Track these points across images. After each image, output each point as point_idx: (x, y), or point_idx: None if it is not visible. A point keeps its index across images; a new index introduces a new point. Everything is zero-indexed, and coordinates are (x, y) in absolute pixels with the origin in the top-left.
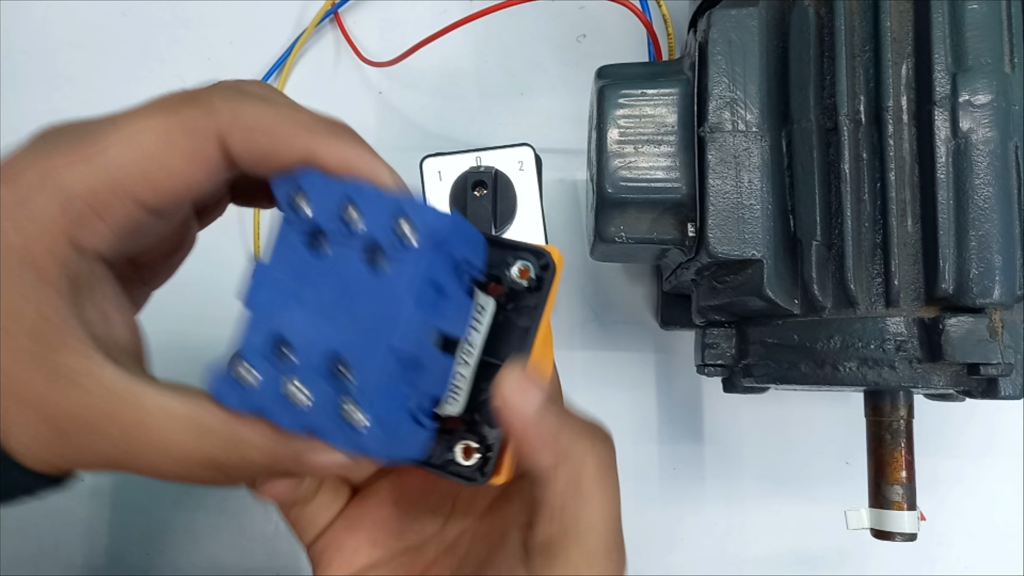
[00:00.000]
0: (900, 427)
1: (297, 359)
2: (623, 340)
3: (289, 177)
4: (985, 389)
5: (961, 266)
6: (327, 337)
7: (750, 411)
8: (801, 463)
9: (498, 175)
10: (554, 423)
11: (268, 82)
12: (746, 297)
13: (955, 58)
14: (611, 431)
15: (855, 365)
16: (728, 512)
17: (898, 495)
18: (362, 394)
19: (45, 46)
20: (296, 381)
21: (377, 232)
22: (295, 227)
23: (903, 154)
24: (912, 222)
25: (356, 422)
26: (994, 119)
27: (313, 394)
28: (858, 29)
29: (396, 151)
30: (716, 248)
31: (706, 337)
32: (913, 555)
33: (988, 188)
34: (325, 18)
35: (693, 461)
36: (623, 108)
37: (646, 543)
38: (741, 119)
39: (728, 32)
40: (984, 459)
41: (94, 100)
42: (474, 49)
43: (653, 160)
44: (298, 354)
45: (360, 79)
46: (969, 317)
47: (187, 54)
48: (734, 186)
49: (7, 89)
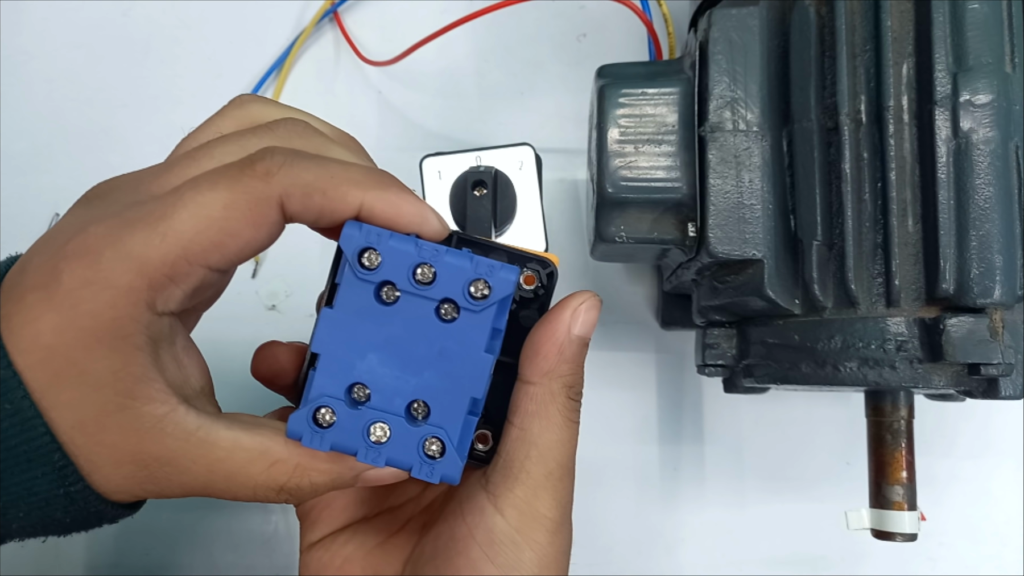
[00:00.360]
0: (901, 427)
1: (375, 402)
2: (623, 340)
3: (357, 233)
4: (986, 389)
5: (962, 266)
6: (408, 385)
7: (751, 411)
8: (802, 463)
9: (498, 175)
10: (568, 354)
11: (307, 116)
12: (747, 297)
13: (956, 58)
14: (612, 431)
15: (856, 365)
16: (729, 512)
17: (899, 495)
18: (443, 431)
19: (45, 46)
20: (379, 422)
21: (451, 291)
22: (361, 277)
23: (904, 154)
24: (913, 222)
25: (436, 455)
26: (995, 119)
27: (392, 432)
28: (859, 28)
29: (396, 151)
30: (717, 248)
31: (707, 337)
32: (913, 555)
33: (989, 188)
34: (324, 17)
35: (694, 461)
36: (623, 108)
37: (647, 543)
38: (742, 118)
39: (729, 31)
40: (984, 459)
41: (94, 100)
42: (474, 49)
43: (654, 160)
44: (377, 397)
45: (360, 79)
46: (970, 317)
47: (187, 54)
48: (735, 186)
49: (7, 89)
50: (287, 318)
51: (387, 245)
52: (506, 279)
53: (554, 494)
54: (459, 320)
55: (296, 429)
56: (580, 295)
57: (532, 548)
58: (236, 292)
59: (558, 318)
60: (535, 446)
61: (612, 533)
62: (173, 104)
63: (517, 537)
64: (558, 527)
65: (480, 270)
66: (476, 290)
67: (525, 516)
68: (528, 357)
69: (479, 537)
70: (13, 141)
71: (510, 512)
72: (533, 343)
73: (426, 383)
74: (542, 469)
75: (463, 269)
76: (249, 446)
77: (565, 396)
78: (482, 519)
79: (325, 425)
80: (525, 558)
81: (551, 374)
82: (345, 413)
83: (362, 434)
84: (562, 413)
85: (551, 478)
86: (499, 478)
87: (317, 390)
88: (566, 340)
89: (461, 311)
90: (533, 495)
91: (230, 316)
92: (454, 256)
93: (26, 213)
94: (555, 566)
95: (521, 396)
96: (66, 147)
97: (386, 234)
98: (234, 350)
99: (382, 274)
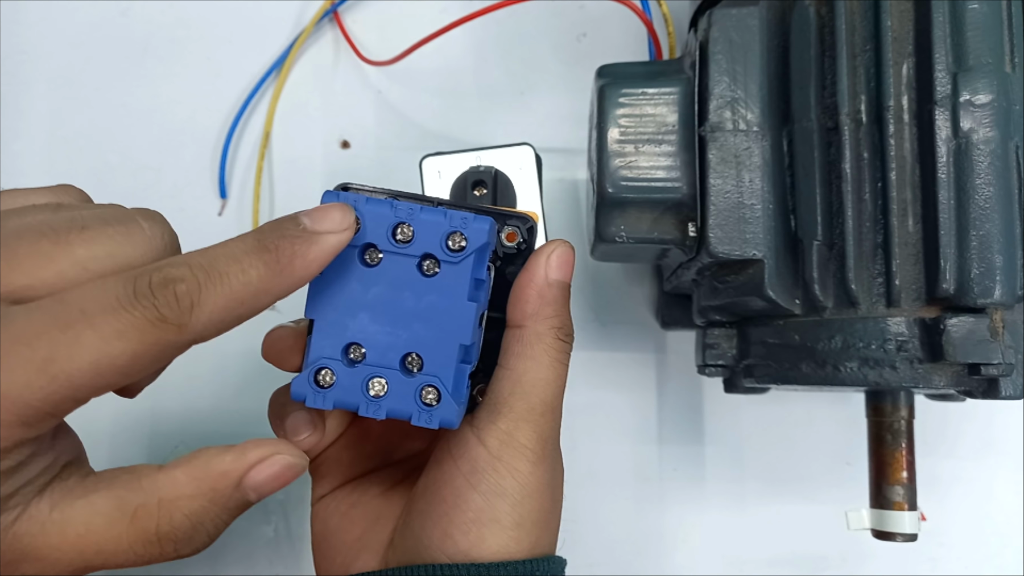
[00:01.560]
0: (901, 427)
1: (371, 358)
2: (623, 340)
3: (335, 200)
4: (986, 389)
5: (962, 266)
6: (400, 339)
7: (751, 412)
8: (802, 463)
9: (498, 175)
10: (548, 297)
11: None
12: (747, 297)
13: (956, 58)
14: (612, 431)
15: (856, 365)
16: (729, 513)
17: (899, 495)
18: (438, 380)
19: (45, 46)
20: (376, 377)
21: (430, 246)
22: None
23: (904, 154)
24: (913, 222)
25: (433, 403)
26: (995, 119)
27: (390, 385)
28: (859, 28)
29: (396, 151)
30: (717, 248)
31: (707, 337)
32: (913, 555)
33: (989, 188)
34: (324, 17)
35: (694, 462)
36: (624, 107)
37: (647, 544)
38: (742, 118)
39: (729, 31)
40: (984, 459)
41: (94, 100)
42: (474, 48)
43: (654, 159)
44: (372, 354)
45: (359, 78)
46: (970, 317)
47: (187, 54)
48: (735, 186)
49: (7, 89)
50: (287, 319)
51: (364, 209)
52: (479, 228)
53: (535, 427)
54: (440, 274)
55: (299, 391)
56: (551, 243)
57: (513, 476)
58: None
59: (534, 264)
60: (519, 383)
61: (612, 533)
62: (172, 104)
63: (498, 464)
64: (539, 458)
65: (454, 223)
66: (453, 243)
67: (505, 445)
68: (512, 304)
69: (463, 467)
70: (12, 141)
71: (492, 442)
72: (515, 291)
73: (417, 336)
74: (524, 404)
75: (438, 223)
76: (103, 507)
77: (553, 337)
78: (466, 450)
79: (326, 385)
80: (507, 484)
81: (535, 316)
82: (344, 372)
83: (361, 390)
84: (548, 353)
85: (533, 412)
86: (484, 414)
87: (315, 352)
88: (544, 284)
89: (442, 264)
90: (514, 427)
91: None
92: (429, 213)
93: None
94: (538, 496)
95: (509, 339)
96: (65, 147)
97: (362, 199)
98: (234, 351)
99: (363, 237)
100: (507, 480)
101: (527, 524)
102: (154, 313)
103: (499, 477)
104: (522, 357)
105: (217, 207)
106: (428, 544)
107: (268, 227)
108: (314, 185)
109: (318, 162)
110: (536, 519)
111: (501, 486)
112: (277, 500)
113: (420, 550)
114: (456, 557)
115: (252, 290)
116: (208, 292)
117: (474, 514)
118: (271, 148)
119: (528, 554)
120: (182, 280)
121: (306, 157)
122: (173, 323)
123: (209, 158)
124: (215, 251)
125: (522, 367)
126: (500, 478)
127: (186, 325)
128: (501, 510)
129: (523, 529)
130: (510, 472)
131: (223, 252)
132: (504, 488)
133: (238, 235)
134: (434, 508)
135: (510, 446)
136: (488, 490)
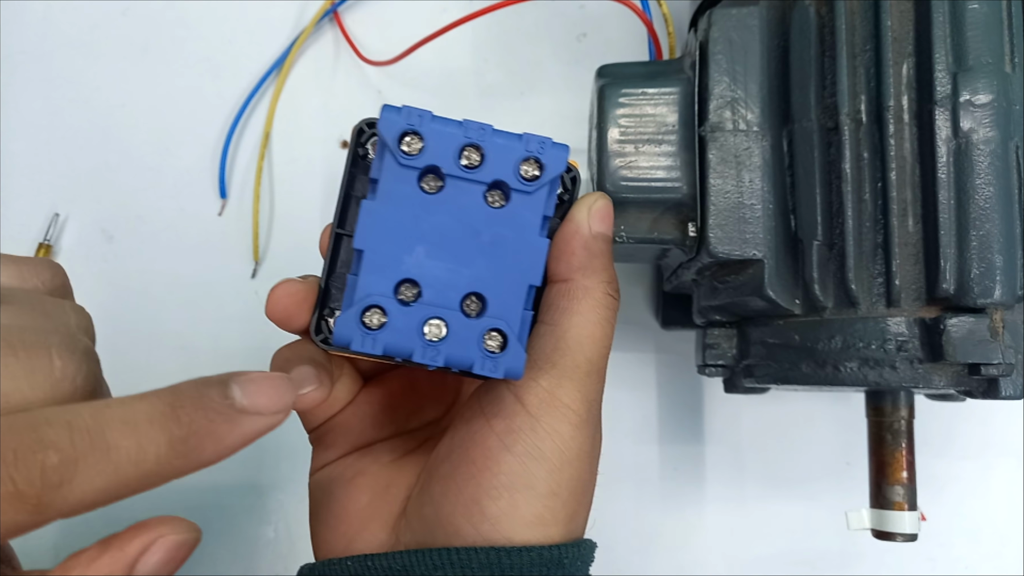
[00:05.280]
0: (901, 427)
1: (428, 297)
2: (623, 340)
3: (396, 116)
4: (986, 389)
5: (962, 266)
6: (462, 277)
7: (751, 411)
8: (802, 463)
9: None
10: (595, 250)
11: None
12: (747, 297)
13: (956, 58)
14: (612, 431)
15: (856, 365)
16: (729, 512)
17: (899, 495)
18: (504, 323)
19: (45, 46)
20: (434, 319)
21: (502, 172)
22: (404, 163)
23: (904, 154)
24: (913, 222)
25: (497, 350)
26: (995, 119)
27: (450, 328)
28: (859, 28)
29: None
30: (717, 248)
31: (707, 337)
32: (913, 555)
33: (989, 188)
34: (324, 17)
35: (694, 462)
36: (624, 107)
37: (647, 544)
38: (742, 118)
39: (729, 31)
40: (984, 459)
41: (94, 100)
42: (474, 48)
43: (654, 160)
44: (429, 292)
45: (359, 78)
46: (970, 317)
47: (187, 54)
48: (735, 186)
49: (7, 89)
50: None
51: (430, 127)
52: (558, 156)
53: (580, 387)
54: (510, 204)
55: (345, 333)
56: (590, 195)
57: (552, 438)
58: (235, 292)
59: (578, 215)
60: (563, 339)
61: (612, 533)
62: (172, 104)
63: (537, 425)
64: (582, 422)
65: (531, 147)
66: (526, 171)
67: (546, 404)
68: (556, 257)
69: (497, 427)
70: (12, 141)
71: (531, 400)
72: (559, 243)
73: (479, 275)
74: (569, 361)
75: (512, 147)
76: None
77: (602, 292)
78: (501, 408)
79: (375, 327)
80: (546, 447)
81: (584, 269)
82: (397, 311)
83: (417, 332)
84: (596, 310)
85: (578, 371)
86: (528, 372)
87: (364, 289)
88: (590, 236)
89: (512, 194)
90: (557, 384)
91: (229, 316)
92: (503, 136)
93: (25, 213)
94: (577, 464)
95: (553, 294)
96: (65, 147)
97: (428, 115)
98: (234, 349)
99: (426, 159)
100: (546, 442)
101: (563, 493)
102: (9, 488)
103: (537, 439)
104: (568, 312)
105: (217, 207)
106: (451, 512)
107: (189, 390)
108: (314, 185)
109: (318, 162)
110: (573, 489)
111: (540, 448)
112: (277, 500)
113: (441, 520)
114: (482, 527)
115: (143, 471)
116: (86, 468)
117: (507, 478)
118: (271, 148)
119: (564, 531)
120: (56, 449)
121: (306, 157)
122: (30, 502)
123: (209, 158)
124: (112, 412)
125: (567, 322)
126: (539, 439)
127: (48, 506)
128: (537, 475)
129: (559, 499)
130: (550, 434)
131: (121, 416)
132: (543, 451)
133: (151, 391)
134: (460, 471)
135: (551, 405)
136: (524, 452)
